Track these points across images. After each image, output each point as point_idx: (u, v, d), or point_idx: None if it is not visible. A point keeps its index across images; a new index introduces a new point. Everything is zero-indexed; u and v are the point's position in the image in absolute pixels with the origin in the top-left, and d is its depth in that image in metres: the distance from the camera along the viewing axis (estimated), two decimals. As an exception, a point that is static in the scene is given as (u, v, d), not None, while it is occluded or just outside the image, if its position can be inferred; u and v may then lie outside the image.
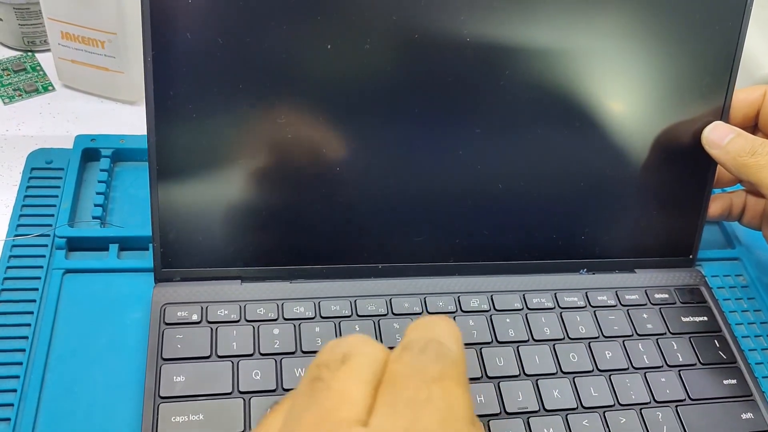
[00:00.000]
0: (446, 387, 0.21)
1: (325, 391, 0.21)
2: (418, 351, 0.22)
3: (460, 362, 0.23)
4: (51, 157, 0.44)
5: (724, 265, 0.46)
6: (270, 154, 0.36)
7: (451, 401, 0.21)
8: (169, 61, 0.34)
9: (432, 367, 0.22)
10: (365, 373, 0.22)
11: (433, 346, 0.22)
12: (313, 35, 0.35)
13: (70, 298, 0.37)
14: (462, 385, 0.22)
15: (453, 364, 0.22)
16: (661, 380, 0.38)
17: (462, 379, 0.22)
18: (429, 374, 0.21)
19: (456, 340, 0.23)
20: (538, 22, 0.37)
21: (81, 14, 0.44)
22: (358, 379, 0.22)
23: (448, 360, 0.22)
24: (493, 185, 0.39)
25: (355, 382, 0.22)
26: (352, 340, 0.23)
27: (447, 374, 0.22)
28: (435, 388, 0.21)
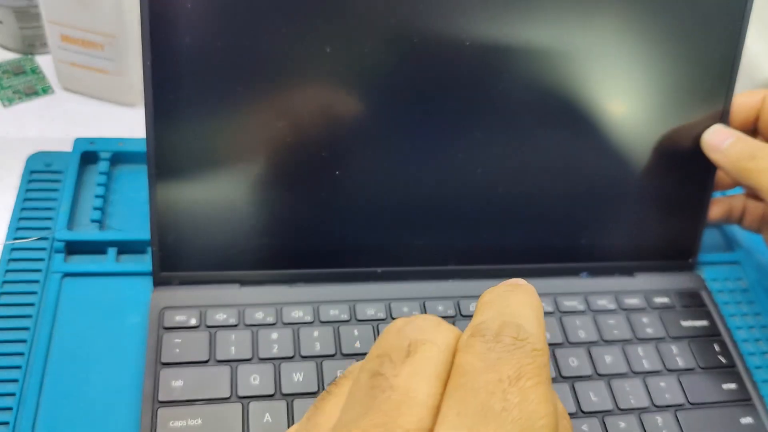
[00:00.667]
0: (525, 390, 0.18)
1: (387, 391, 0.19)
2: (492, 338, 0.19)
3: (541, 351, 0.19)
4: (50, 160, 0.43)
5: (724, 268, 0.46)
6: (269, 158, 0.36)
7: (531, 410, 0.18)
8: (168, 64, 0.34)
9: (507, 363, 0.19)
10: (434, 366, 0.19)
11: (509, 331, 0.19)
12: (312, 38, 0.35)
13: (69, 302, 0.37)
14: (543, 383, 0.19)
15: (532, 355, 0.19)
16: (660, 385, 0.38)
17: (543, 375, 0.19)
18: (504, 372, 0.18)
19: (536, 319, 0.20)
20: (538, 25, 0.37)
21: (81, 17, 0.44)
22: (426, 374, 0.19)
23: (526, 350, 0.19)
24: (493, 188, 0.39)
25: (422, 379, 0.19)
26: (421, 324, 0.21)
27: (525, 371, 0.18)
28: (512, 393, 0.18)
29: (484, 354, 0.19)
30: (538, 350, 0.19)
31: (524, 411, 0.18)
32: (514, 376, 0.18)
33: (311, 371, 0.35)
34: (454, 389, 0.19)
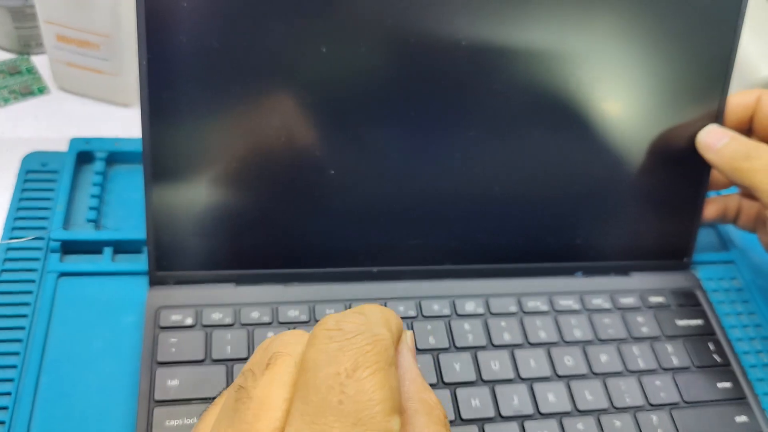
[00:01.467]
0: (361, 380, 0.19)
1: (247, 402, 0.21)
2: (333, 326, 0.21)
3: (381, 336, 0.21)
4: (46, 159, 0.43)
5: (719, 268, 0.46)
6: (264, 157, 0.36)
7: (366, 399, 0.19)
8: (164, 64, 0.34)
9: (347, 353, 0.20)
10: (289, 374, 0.21)
11: (350, 318, 0.21)
12: (308, 38, 0.35)
13: (65, 302, 0.37)
14: (381, 369, 0.20)
15: (373, 341, 0.20)
16: (655, 383, 0.38)
17: (383, 360, 0.20)
18: (342, 364, 0.20)
19: (378, 309, 0.22)
20: (533, 25, 0.37)
21: (76, 17, 0.44)
22: (280, 381, 0.21)
23: (366, 336, 0.20)
24: (488, 188, 0.39)
25: (277, 386, 0.21)
26: (285, 338, 0.22)
27: (363, 360, 0.20)
28: (348, 385, 0.19)
29: (326, 345, 0.20)
30: (378, 335, 0.21)
31: (360, 401, 0.19)
32: (351, 367, 0.20)
33: (307, 370, 0.35)
34: (299, 388, 0.20)
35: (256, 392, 0.21)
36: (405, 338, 0.24)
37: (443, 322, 0.38)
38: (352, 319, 0.21)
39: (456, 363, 0.37)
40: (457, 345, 0.37)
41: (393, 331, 0.22)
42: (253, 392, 0.21)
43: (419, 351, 0.37)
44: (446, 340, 0.37)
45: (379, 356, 0.20)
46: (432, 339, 0.37)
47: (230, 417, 0.21)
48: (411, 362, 0.23)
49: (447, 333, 0.38)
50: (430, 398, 0.22)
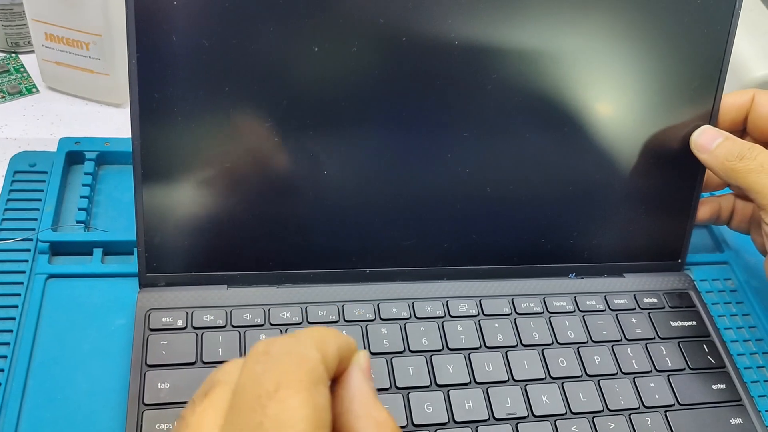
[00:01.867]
0: (282, 401, 0.20)
1: (183, 429, 0.21)
2: (263, 350, 0.21)
3: (308, 357, 0.21)
4: (34, 160, 0.43)
5: (713, 269, 0.46)
6: (256, 158, 0.36)
7: (285, 419, 0.19)
8: (154, 63, 0.33)
9: (271, 375, 0.20)
10: (223, 400, 0.21)
11: (280, 341, 0.21)
12: (300, 38, 0.34)
13: (53, 304, 0.37)
14: (305, 389, 0.20)
15: (298, 362, 0.21)
16: (650, 385, 0.38)
17: (307, 380, 0.20)
18: (264, 386, 0.20)
19: (312, 342, 0.22)
20: (526, 25, 0.37)
21: (65, 15, 0.44)
22: (215, 407, 0.21)
23: (293, 358, 0.21)
24: (481, 189, 0.39)
25: (211, 413, 0.21)
26: (225, 368, 0.23)
27: (285, 381, 0.20)
28: (270, 407, 0.20)
29: (252, 369, 0.21)
30: (304, 356, 0.21)
31: (280, 420, 0.19)
32: (273, 388, 0.20)
33: (299, 373, 0.35)
34: (228, 412, 0.21)
35: (192, 419, 0.21)
36: (357, 358, 0.24)
37: (436, 323, 0.38)
38: (280, 341, 0.21)
39: (449, 365, 0.36)
40: (450, 346, 0.37)
41: (328, 351, 0.22)
42: (189, 419, 0.21)
43: (413, 353, 0.36)
44: (439, 341, 0.37)
45: (304, 376, 0.20)
46: (425, 340, 0.37)
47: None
48: (361, 381, 0.23)
49: (440, 334, 0.37)
50: (379, 416, 0.22)
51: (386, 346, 0.36)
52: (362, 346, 0.36)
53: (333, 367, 0.22)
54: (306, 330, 0.23)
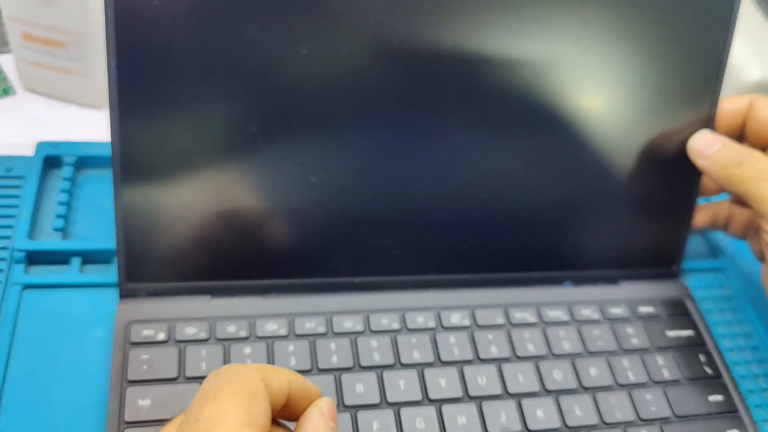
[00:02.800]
0: (219, 403, 0.22)
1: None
2: (208, 379, 0.24)
3: (246, 378, 0.24)
4: (10, 164, 0.41)
5: (708, 276, 0.45)
6: (240, 163, 0.35)
7: (218, 414, 0.22)
8: (134, 65, 0.32)
9: (211, 389, 0.23)
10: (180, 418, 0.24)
11: (223, 370, 0.24)
12: (287, 39, 0.33)
13: (29, 315, 0.35)
14: (237, 397, 0.23)
15: (234, 379, 0.23)
16: (646, 397, 0.37)
17: (243, 392, 0.23)
18: (207, 395, 0.23)
19: (260, 370, 0.24)
20: (521, 30, 0.35)
21: (43, 15, 0.42)
22: (173, 424, 0.25)
23: (228, 377, 0.23)
24: (474, 195, 0.38)
25: (171, 428, 0.25)
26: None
27: (223, 390, 0.23)
28: (207, 408, 0.22)
29: (202, 386, 0.24)
30: (245, 374, 0.24)
31: (213, 417, 0.22)
32: (213, 395, 0.23)
33: (286, 388, 0.33)
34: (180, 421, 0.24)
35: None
36: (319, 402, 0.26)
37: (428, 335, 0.37)
38: (230, 365, 0.24)
39: (441, 378, 0.35)
40: (443, 359, 0.36)
41: (272, 379, 0.24)
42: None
43: (404, 366, 0.35)
44: (431, 354, 0.36)
45: (242, 387, 0.23)
46: (416, 353, 0.36)
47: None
48: (318, 419, 0.26)
49: (432, 347, 0.36)
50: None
51: (377, 360, 0.35)
52: (352, 360, 0.35)
53: (279, 397, 0.25)
54: (266, 366, 0.26)
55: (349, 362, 0.35)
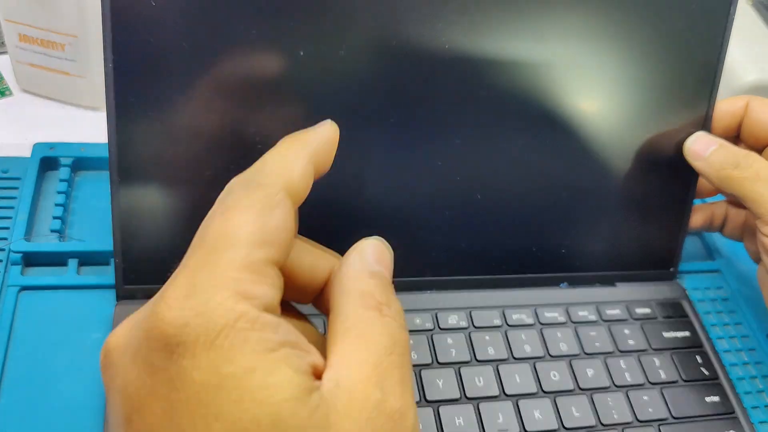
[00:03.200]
0: (227, 219, 0.22)
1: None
2: (219, 196, 0.24)
3: (259, 188, 0.23)
4: (7, 165, 0.41)
5: (705, 277, 0.45)
6: (238, 163, 0.34)
7: (225, 230, 0.22)
8: (131, 66, 0.32)
9: (220, 204, 0.24)
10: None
11: (235, 183, 0.24)
12: (284, 41, 0.33)
13: (26, 317, 0.35)
14: (247, 211, 0.22)
15: (244, 193, 0.23)
16: (643, 398, 0.37)
17: (254, 206, 0.23)
18: (215, 210, 0.24)
19: (275, 170, 0.24)
20: (519, 31, 0.35)
21: (40, 16, 0.42)
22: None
23: (238, 193, 0.23)
24: (471, 197, 0.38)
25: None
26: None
27: (232, 206, 0.23)
28: (215, 220, 0.23)
29: (214, 204, 0.24)
30: (260, 183, 0.23)
31: (219, 232, 0.22)
32: (221, 211, 0.23)
33: (284, 389, 0.33)
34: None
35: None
36: (361, 247, 0.26)
37: (425, 336, 0.37)
38: (243, 174, 0.24)
39: (439, 379, 0.35)
40: (440, 360, 0.36)
41: (293, 175, 0.24)
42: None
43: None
44: (429, 355, 0.36)
45: (255, 201, 0.22)
46: (414, 354, 0.36)
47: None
48: (354, 260, 0.25)
49: (429, 348, 0.36)
50: (365, 287, 0.24)
51: (374, 361, 0.35)
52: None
53: (303, 186, 0.24)
54: (271, 156, 0.24)
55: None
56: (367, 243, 0.24)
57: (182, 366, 0.20)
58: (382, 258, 0.24)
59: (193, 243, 0.22)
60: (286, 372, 0.20)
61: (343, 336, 0.22)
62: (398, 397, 0.21)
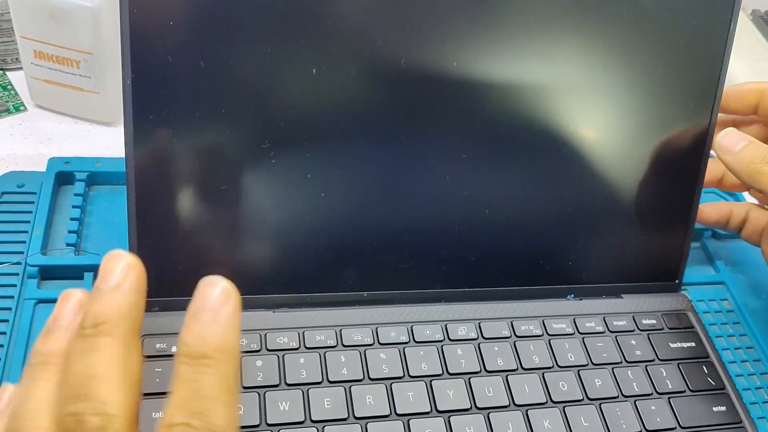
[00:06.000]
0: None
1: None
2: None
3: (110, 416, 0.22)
4: (23, 180, 0.42)
5: (709, 289, 0.46)
6: (252, 180, 0.35)
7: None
8: (149, 84, 0.33)
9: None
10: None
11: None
12: (297, 59, 0.34)
13: (43, 330, 0.36)
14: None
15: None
16: (651, 408, 0.38)
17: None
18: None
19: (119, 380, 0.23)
20: (525, 52, 0.36)
21: (55, 33, 0.43)
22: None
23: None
24: (479, 211, 0.39)
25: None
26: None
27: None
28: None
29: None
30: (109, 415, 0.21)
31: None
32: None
33: (297, 400, 0.34)
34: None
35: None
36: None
37: (435, 347, 0.37)
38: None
39: (449, 390, 0.36)
40: (450, 371, 0.37)
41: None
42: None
43: (413, 378, 0.36)
44: (439, 366, 0.37)
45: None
46: (424, 365, 0.36)
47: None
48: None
49: (440, 359, 0.37)
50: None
51: (385, 372, 0.36)
52: (362, 372, 0.35)
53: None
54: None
55: (358, 374, 0.35)
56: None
57: None
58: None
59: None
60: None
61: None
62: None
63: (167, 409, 0.21)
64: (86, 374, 0.21)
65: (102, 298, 0.23)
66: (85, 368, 0.21)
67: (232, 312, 0.23)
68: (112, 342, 0.22)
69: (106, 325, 0.22)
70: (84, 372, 0.21)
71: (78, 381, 0.21)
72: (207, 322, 0.22)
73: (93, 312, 0.22)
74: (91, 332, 0.22)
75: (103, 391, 0.21)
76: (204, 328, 0.22)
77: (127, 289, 0.23)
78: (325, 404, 0.34)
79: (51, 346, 0.23)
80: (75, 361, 0.22)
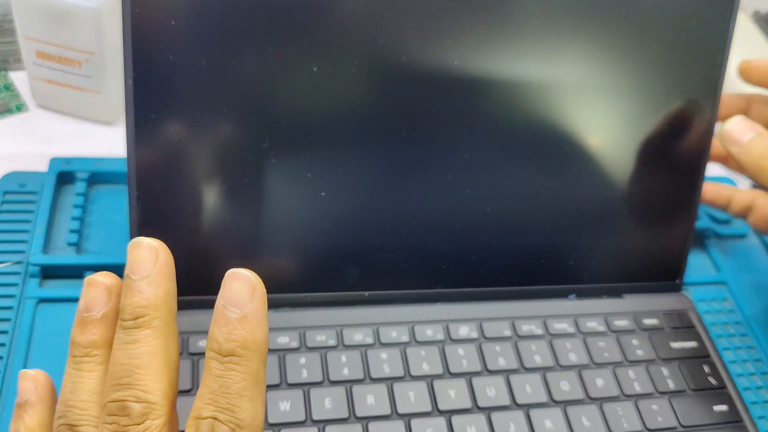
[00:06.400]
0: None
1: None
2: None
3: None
4: (24, 180, 0.42)
5: (710, 289, 0.46)
6: (254, 180, 0.35)
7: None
8: (151, 83, 0.33)
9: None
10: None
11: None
12: (298, 58, 0.34)
13: (45, 329, 0.36)
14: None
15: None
16: (652, 407, 0.38)
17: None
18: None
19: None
20: (525, 51, 0.36)
21: (57, 33, 0.43)
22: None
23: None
24: (480, 211, 0.39)
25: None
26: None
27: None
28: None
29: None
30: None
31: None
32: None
33: (298, 399, 0.34)
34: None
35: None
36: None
37: (437, 347, 0.37)
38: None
39: (451, 390, 0.36)
40: (452, 371, 0.37)
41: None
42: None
43: (414, 378, 0.36)
44: (440, 366, 0.37)
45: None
46: (426, 365, 0.36)
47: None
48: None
49: (441, 359, 0.37)
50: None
51: (386, 372, 0.36)
52: (363, 372, 0.36)
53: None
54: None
55: (359, 374, 0.35)
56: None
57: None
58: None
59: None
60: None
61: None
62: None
63: (196, 402, 0.23)
64: (129, 365, 0.23)
65: (136, 289, 0.24)
66: (128, 359, 0.23)
67: (259, 306, 0.24)
68: (152, 333, 0.24)
69: (144, 318, 0.24)
70: (127, 363, 0.23)
71: (121, 371, 0.23)
72: (234, 319, 0.23)
73: (131, 305, 0.24)
74: (131, 325, 0.24)
75: (145, 380, 0.23)
76: (232, 325, 0.23)
77: (158, 277, 0.25)
78: (326, 404, 0.34)
79: (90, 337, 0.25)
80: (118, 352, 0.23)
